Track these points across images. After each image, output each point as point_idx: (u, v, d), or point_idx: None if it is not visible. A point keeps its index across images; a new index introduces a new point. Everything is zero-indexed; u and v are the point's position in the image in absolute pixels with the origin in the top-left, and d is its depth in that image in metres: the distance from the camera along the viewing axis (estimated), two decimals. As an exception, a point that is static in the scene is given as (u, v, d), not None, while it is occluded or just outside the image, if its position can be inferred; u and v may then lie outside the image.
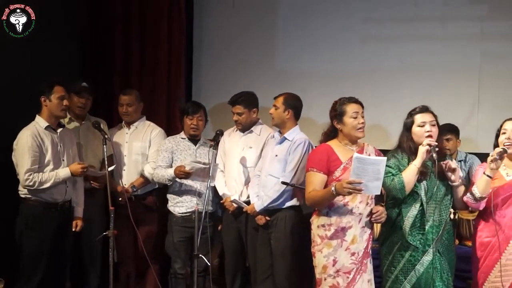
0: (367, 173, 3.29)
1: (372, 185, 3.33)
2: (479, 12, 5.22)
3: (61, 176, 4.06)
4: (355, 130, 3.60)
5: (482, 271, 3.56)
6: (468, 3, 5.24)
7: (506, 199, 3.54)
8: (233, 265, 4.56)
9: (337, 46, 5.49)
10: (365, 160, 3.33)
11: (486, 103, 5.14)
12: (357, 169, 3.28)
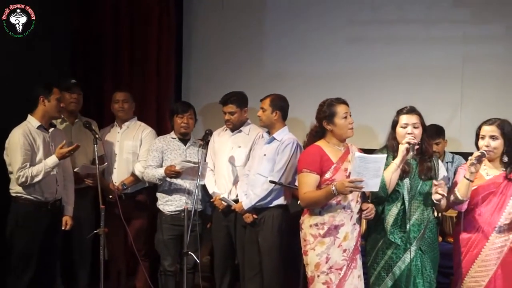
0: (368, 171, 3.29)
1: (372, 183, 3.33)
2: (462, 15, 5.24)
3: (49, 164, 4.00)
4: (347, 129, 3.59)
5: (463, 266, 3.55)
6: (450, 7, 5.24)
7: (485, 197, 3.53)
8: (223, 262, 4.54)
9: (324, 47, 5.48)
10: (367, 159, 3.32)
11: (468, 103, 5.17)
12: (358, 168, 3.28)
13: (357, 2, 5.42)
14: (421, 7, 5.27)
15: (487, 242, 3.49)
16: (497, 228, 3.48)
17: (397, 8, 5.31)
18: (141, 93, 5.41)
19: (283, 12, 5.55)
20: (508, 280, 3.47)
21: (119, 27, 5.54)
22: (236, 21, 5.62)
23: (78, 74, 5.32)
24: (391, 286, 3.53)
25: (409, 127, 3.52)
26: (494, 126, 3.52)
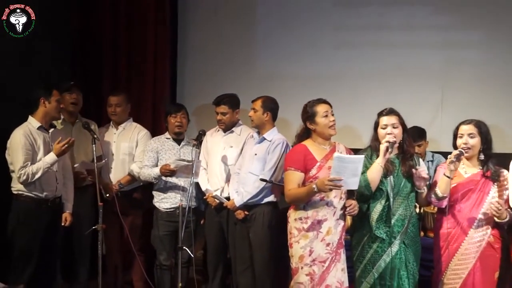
0: (346, 171, 3.33)
1: (351, 181, 3.37)
2: (442, 22, 5.26)
3: (47, 161, 4.00)
4: (328, 128, 3.63)
5: (444, 260, 3.59)
6: (431, 14, 5.27)
7: (464, 194, 3.58)
8: (215, 257, 4.55)
9: (312, 52, 5.50)
10: (345, 159, 3.38)
11: (449, 105, 5.19)
12: (337, 167, 3.32)
13: (343, 9, 5.44)
14: (403, 14, 5.29)
15: (466, 237, 3.54)
16: (475, 223, 3.53)
17: (381, 15, 5.34)
18: (137, 94, 5.43)
19: (274, 18, 5.57)
20: (486, 273, 3.52)
21: (117, 31, 5.56)
22: (228, 26, 5.62)
23: (78, 74, 5.34)
24: (377, 278, 3.55)
25: (389, 127, 3.56)
26: (471, 125, 3.57)
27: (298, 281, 3.60)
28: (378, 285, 3.57)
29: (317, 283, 3.54)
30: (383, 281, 3.55)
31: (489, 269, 3.54)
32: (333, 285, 3.56)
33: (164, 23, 5.60)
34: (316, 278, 3.54)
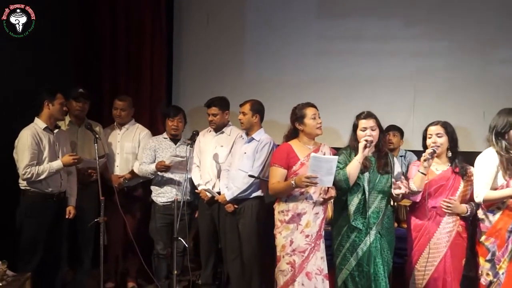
0: (322, 169, 3.35)
1: (326, 179, 3.40)
2: (413, 32, 5.29)
3: (54, 167, 3.97)
4: (315, 128, 3.67)
5: (417, 250, 3.61)
6: (403, 25, 5.30)
7: (437, 189, 3.59)
8: (207, 246, 4.54)
9: (296, 59, 5.50)
10: (320, 159, 3.40)
11: (420, 108, 5.22)
12: (313, 166, 3.35)
13: (325, 21, 5.46)
14: (379, 25, 5.32)
15: (439, 228, 3.56)
16: (446, 215, 3.55)
17: (358, 27, 5.36)
18: (136, 97, 5.34)
19: (261, 28, 5.56)
20: (455, 260, 3.55)
21: (117, 40, 5.50)
22: (219, 35, 5.61)
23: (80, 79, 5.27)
24: (355, 265, 3.56)
25: (368, 130, 3.57)
26: (438, 126, 3.60)
27: (280, 268, 3.63)
28: (356, 271, 3.57)
29: (298, 271, 3.57)
30: (360, 267, 3.55)
31: (458, 256, 3.57)
32: (313, 272, 3.58)
33: (160, 32, 5.56)
34: (296, 266, 3.57)
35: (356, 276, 3.56)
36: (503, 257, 3.44)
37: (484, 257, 3.49)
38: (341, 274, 3.62)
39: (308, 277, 3.55)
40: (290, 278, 3.55)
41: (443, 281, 3.53)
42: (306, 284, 3.54)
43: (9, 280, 3.53)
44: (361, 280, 3.55)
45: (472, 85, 5.21)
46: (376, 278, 3.52)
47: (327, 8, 5.45)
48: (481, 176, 3.49)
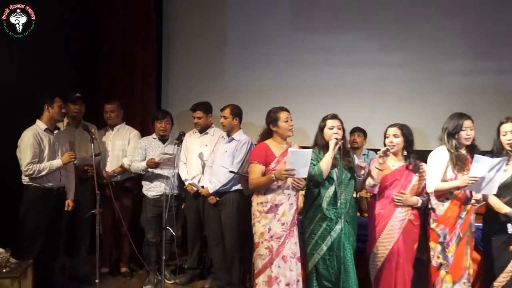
0: (298, 162, 3.37)
1: (302, 171, 3.41)
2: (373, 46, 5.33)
3: (54, 165, 3.94)
4: (287, 130, 3.67)
5: (375, 235, 3.64)
6: (365, 40, 5.33)
7: (392, 183, 3.63)
8: (193, 234, 4.55)
9: (272, 68, 5.51)
10: (298, 152, 3.41)
11: (378, 113, 5.23)
12: (291, 159, 3.36)
13: (298, 35, 5.46)
14: (344, 39, 5.35)
15: (392, 216, 3.59)
16: (401, 205, 3.58)
17: (327, 40, 5.39)
18: (128, 102, 5.32)
19: (240, 41, 5.56)
20: (407, 243, 3.58)
21: (112, 49, 5.48)
22: (203, 47, 5.59)
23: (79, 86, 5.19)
24: (326, 250, 3.58)
25: (335, 128, 3.59)
26: (396, 127, 3.63)
27: (259, 253, 3.61)
28: (327, 255, 3.58)
29: (275, 255, 3.56)
30: (331, 252, 3.57)
31: (410, 241, 3.59)
32: (288, 256, 3.58)
33: (151, 45, 5.55)
34: (274, 251, 3.56)
35: (327, 260, 3.58)
36: (452, 242, 3.50)
37: (435, 241, 3.54)
38: (312, 259, 3.62)
39: (284, 260, 3.55)
40: (268, 261, 3.55)
41: (396, 262, 3.54)
42: (282, 266, 3.54)
43: (13, 266, 3.50)
44: (332, 263, 3.57)
45: (425, 92, 5.26)
46: (345, 261, 3.54)
47: (299, 24, 5.46)
48: (433, 170, 3.55)
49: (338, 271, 3.56)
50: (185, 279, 4.58)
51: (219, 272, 4.34)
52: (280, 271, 3.55)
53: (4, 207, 4.01)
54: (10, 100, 4.17)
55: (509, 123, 3.46)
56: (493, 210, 3.49)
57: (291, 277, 3.56)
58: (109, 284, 4.53)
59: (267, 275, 3.56)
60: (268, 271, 3.55)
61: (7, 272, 3.43)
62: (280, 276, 3.54)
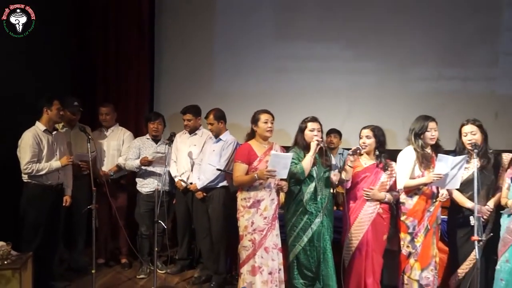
0: (280, 164, 3.37)
1: (282, 172, 3.42)
2: (350, 54, 5.37)
3: (53, 166, 3.89)
4: (265, 131, 3.65)
5: (348, 226, 3.65)
6: (341, 49, 5.37)
7: (363, 178, 3.64)
8: (183, 227, 4.51)
9: (256, 75, 5.50)
10: (279, 156, 3.42)
11: (353, 115, 5.28)
12: (273, 162, 3.37)
13: (281, 44, 5.47)
14: (322, 48, 5.37)
15: (362, 209, 3.60)
16: (369, 199, 3.60)
17: (307, 49, 5.40)
18: (124, 105, 5.29)
19: (228, 49, 5.53)
20: (376, 234, 3.59)
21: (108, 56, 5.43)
22: (193, 55, 5.55)
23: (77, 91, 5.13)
24: (307, 241, 3.59)
25: (315, 131, 3.60)
26: (368, 129, 3.65)
27: (243, 245, 3.61)
28: (308, 246, 3.60)
29: (258, 246, 3.56)
30: (312, 243, 3.58)
31: (379, 232, 3.61)
32: (270, 247, 3.58)
33: (144, 52, 5.50)
34: (256, 243, 3.56)
35: (307, 250, 3.59)
36: (420, 233, 3.52)
37: (405, 232, 3.56)
38: (294, 250, 3.63)
39: (266, 251, 3.55)
40: (251, 252, 3.54)
41: (365, 251, 3.57)
42: (265, 256, 3.54)
43: (13, 258, 3.44)
44: (312, 253, 3.59)
45: (395, 97, 5.31)
46: (324, 250, 3.57)
47: (281, 33, 5.46)
48: (402, 168, 3.57)
49: (318, 260, 3.58)
50: (176, 269, 4.55)
51: (207, 262, 4.32)
52: (263, 261, 3.54)
53: (5, 203, 3.94)
54: (10, 101, 4.09)
55: (469, 125, 3.49)
56: (457, 204, 3.52)
57: (273, 266, 3.57)
58: (104, 274, 4.48)
59: (251, 265, 3.55)
60: (252, 261, 3.55)
61: (8, 264, 3.37)
62: (263, 265, 3.54)
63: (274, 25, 5.48)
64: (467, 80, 5.28)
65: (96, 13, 5.40)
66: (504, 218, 3.34)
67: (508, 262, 3.25)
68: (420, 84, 5.33)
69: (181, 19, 5.57)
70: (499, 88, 5.26)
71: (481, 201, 3.38)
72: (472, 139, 3.42)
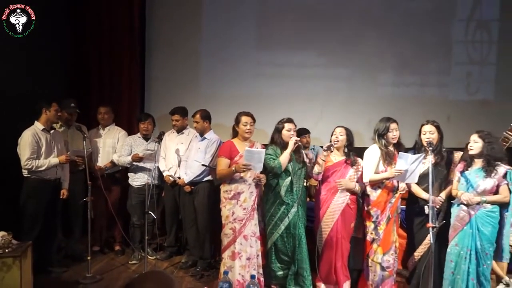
0: (254, 159, 3.38)
1: (257, 166, 3.43)
2: (324, 61, 5.38)
3: (52, 163, 3.86)
4: (244, 132, 3.67)
5: (320, 216, 3.65)
6: (316, 56, 5.37)
7: (333, 173, 3.66)
8: (171, 218, 4.50)
9: (239, 79, 5.47)
10: (252, 151, 3.43)
11: (326, 116, 5.30)
12: (247, 157, 3.38)
13: (262, 51, 5.44)
14: (299, 55, 5.37)
15: (333, 200, 3.61)
16: (338, 191, 3.61)
17: (285, 56, 5.40)
18: (117, 106, 5.20)
19: (213, 55, 5.49)
20: (344, 223, 3.61)
21: (101, 60, 5.35)
22: (181, 60, 5.50)
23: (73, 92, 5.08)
24: (284, 229, 3.61)
25: (292, 131, 3.63)
26: (342, 128, 3.67)
27: (225, 233, 3.63)
28: (284, 234, 3.62)
29: (237, 234, 3.58)
30: (288, 230, 3.61)
31: (347, 221, 3.63)
32: (249, 235, 3.60)
33: (136, 56, 5.42)
34: (237, 231, 3.58)
35: (284, 237, 3.62)
36: (382, 221, 3.56)
37: (370, 221, 3.59)
38: (272, 237, 3.65)
39: (245, 238, 3.56)
40: (232, 239, 3.56)
41: (336, 238, 3.59)
42: (244, 243, 3.55)
43: (14, 247, 3.39)
44: (288, 239, 3.61)
45: (364, 100, 5.34)
46: (299, 237, 3.59)
47: (262, 43, 5.45)
48: (367, 164, 3.61)
49: (293, 246, 3.61)
50: (165, 255, 4.55)
51: (193, 249, 4.32)
52: (242, 247, 3.57)
53: (6, 196, 3.89)
54: (10, 101, 4.03)
55: (429, 125, 3.55)
56: (414, 195, 3.58)
57: (251, 252, 3.59)
58: (99, 261, 4.45)
59: (231, 251, 3.57)
60: (232, 247, 3.57)
61: (9, 252, 3.33)
62: (242, 251, 3.57)
63: (255, 35, 5.47)
64: (424, 86, 5.37)
65: (90, 20, 5.32)
66: (454, 208, 3.41)
67: (457, 246, 3.34)
68: (384, 89, 5.39)
69: (170, 28, 5.52)
70: (451, 94, 5.37)
71: (435, 193, 3.44)
72: (430, 138, 3.47)
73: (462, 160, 3.48)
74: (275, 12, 5.42)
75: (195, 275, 4.08)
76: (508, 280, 3.65)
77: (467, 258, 3.27)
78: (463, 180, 3.38)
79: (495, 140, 3.36)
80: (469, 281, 3.27)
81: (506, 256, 3.34)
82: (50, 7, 4.60)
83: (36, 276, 3.57)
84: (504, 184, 3.27)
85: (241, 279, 3.54)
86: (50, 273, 3.97)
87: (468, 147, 3.37)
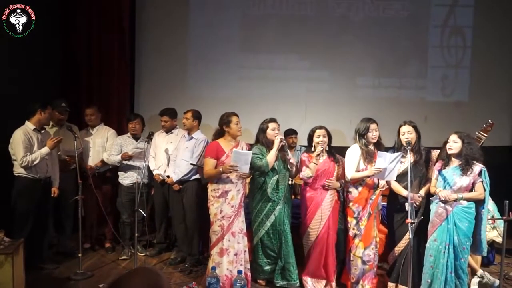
0: (241, 160, 3.35)
1: (244, 167, 3.40)
2: (306, 64, 5.39)
3: (43, 152, 3.74)
4: (237, 131, 3.64)
5: (310, 214, 3.62)
6: (298, 59, 5.38)
7: (322, 172, 3.62)
8: (160, 215, 4.44)
9: (224, 82, 5.44)
10: (240, 153, 3.40)
11: (309, 117, 5.30)
12: (235, 158, 3.35)
13: (245, 54, 5.43)
14: (282, 58, 5.38)
15: (325, 199, 3.59)
16: (329, 190, 3.61)
17: (268, 59, 5.40)
18: (107, 106, 5.13)
19: (199, 59, 5.45)
20: (334, 218, 3.62)
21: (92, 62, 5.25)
22: (169, 63, 5.44)
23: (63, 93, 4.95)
24: (270, 226, 3.60)
25: (276, 130, 3.61)
26: (323, 129, 3.65)
27: (213, 230, 3.59)
28: (270, 230, 3.61)
29: (225, 231, 3.55)
30: (274, 227, 3.60)
31: (335, 215, 3.64)
32: (236, 232, 3.58)
33: (125, 58, 5.33)
34: (225, 228, 3.55)
35: (270, 233, 3.60)
36: (364, 217, 3.56)
37: (351, 216, 3.59)
38: (258, 233, 3.63)
39: (233, 235, 3.54)
40: (220, 236, 3.53)
41: (328, 234, 3.59)
42: (232, 240, 3.53)
43: (6, 244, 3.29)
44: (274, 235, 3.60)
45: (345, 101, 5.38)
46: (285, 233, 3.58)
47: (246, 46, 5.43)
48: (349, 162, 3.60)
49: (279, 242, 3.60)
50: (154, 252, 4.48)
51: (182, 246, 4.27)
52: (230, 244, 3.54)
53: (-2, 195, 3.78)
54: (1, 101, 3.90)
55: (406, 126, 3.56)
56: (394, 192, 3.60)
57: (239, 249, 3.56)
58: (90, 257, 4.36)
59: (219, 247, 3.54)
60: (220, 244, 3.54)
61: (1, 249, 3.23)
62: (229, 248, 3.54)
63: (239, 39, 5.45)
64: (401, 88, 5.44)
65: (80, 23, 5.20)
66: (433, 204, 3.42)
67: (436, 241, 3.35)
68: (364, 91, 5.43)
69: (159, 32, 5.46)
70: (428, 95, 5.44)
71: (414, 190, 3.45)
72: (408, 138, 3.48)
73: (439, 158, 3.50)
74: (259, 17, 5.41)
75: (183, 271, 4.03)
76: (482, 272, 3.69)
77: (445, 253, 3.29)
78: (440, 178, 3.40)
79: (472, 140, 3.38)
80: (448, 274, 3.29)
81: (484, 250, 3.37)
82: (50, 7, 4.51)
83: (28, 272, 3.48)
84: (479, 182, 3.29)
85: (229, 274, 3.51)
86: (41, 270, 3.89)
87: (448, 146, 3.37)
